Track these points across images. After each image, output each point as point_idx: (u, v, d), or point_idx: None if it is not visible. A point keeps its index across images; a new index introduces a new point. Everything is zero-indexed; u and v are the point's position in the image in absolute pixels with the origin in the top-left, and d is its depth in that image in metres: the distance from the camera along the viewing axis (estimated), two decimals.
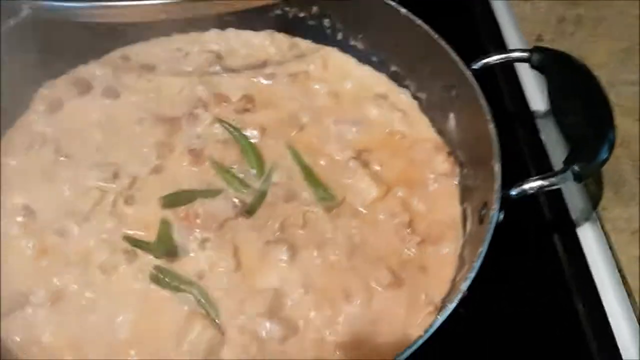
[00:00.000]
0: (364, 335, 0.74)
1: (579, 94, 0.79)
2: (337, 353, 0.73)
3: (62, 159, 0.87)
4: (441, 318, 0.63)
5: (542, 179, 0.73)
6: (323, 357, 0.73)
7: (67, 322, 0.74)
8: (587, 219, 0.91)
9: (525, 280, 0.85)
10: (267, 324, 0.74)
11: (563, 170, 0.73)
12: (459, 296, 0.65)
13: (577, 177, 0.72)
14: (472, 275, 0.66)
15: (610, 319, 0.82)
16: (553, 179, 0.73)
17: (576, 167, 0.72)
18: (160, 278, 0.75)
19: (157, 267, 0.76)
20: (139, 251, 0.78)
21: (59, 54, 0.92)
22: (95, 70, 0.96)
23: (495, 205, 0.71)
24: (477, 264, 0.67)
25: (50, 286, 0.76)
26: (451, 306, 0.64)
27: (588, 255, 0.87)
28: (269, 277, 0.78)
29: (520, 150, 0.98)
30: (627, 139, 0.99)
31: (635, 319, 0.81)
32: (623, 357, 0.79)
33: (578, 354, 0.81)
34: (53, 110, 0.92)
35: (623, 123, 1.01)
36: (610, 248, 0.86)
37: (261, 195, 0.85)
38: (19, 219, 0.80)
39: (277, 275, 0.78)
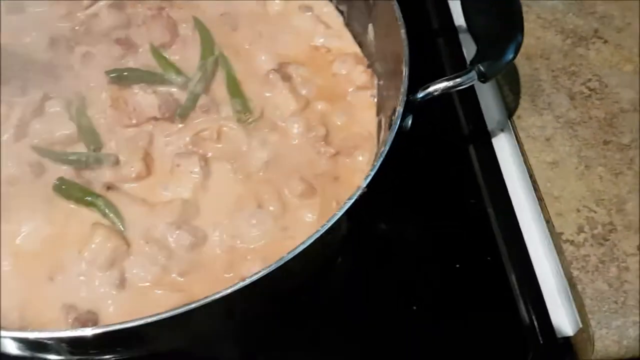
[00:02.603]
0: (275, 241, 0.75)
1: None
2: (248, 258, 0.74)
3: None
4: (339, 213, 0.64)
5: (447, 80, 0.73)
6: (234, 262, 0.74)
7: None
8: (502, 129, 0.93)
9: (439, 187, 0.87)
10: (176, 233, 0.73)
11: (468, 71, 0.73)
12: (359, 192, 0.65)
13: (482, 76, 0.72)
14: (372, 173, 0.66)
15: (520, 222, 0.85)
16: (458, 80, 0.73)
17: (481, 67, 0.72)
18: (63, 189, 0.73)
19: (60, 179, 0.74)
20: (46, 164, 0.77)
21: None
22: None
23: (399, 108, 0.71)
24: (378, 163, 0.67)
25: None
26: (349, 202, 0.64)
27: (501, 163, 0.89)
28: (179, 188, 0.78)
29: (439, 61, 0.98)
30: (549, 50, 0.99)
31: (544, 220, 0.83)
32: (531, 254, 0.82)
33: (489, 254, 0.83)
34: None
35: (546, 35, 1.02)
36: (523, 155, 0.88)
37: (194, 98, 0.83)
38: None
39: (187, 186, 0.78)
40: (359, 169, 0.81)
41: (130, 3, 0.90)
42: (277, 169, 0.80)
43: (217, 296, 0.59)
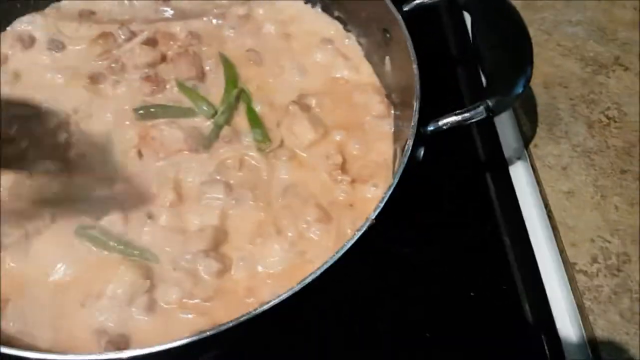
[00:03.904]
0: (294, 266, 0.79)
1: (500, 31, 0.81)
2: (268, 282, 0.78)
3: None
4: (348, 244, 0.67)
5: (456, 114, 0.76)
6: (255, 287, 0.77)
7: None
8: (519, 158, 0.94)
9: (455, 214, 0.89)
10: (205, 260, 0.77)
11: (477, 106, 0.75)
12: (367, 223, 0.68)
13: (490, 112, 0.74)
14: (382, 205, 0.69)
15: (535, 251, 0.86)
16: (466, 115, 0.75)
17: (489, 102, 0.74)
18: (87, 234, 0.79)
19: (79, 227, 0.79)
20: None
21: None
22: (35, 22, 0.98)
23: (409, 141, 0.74)
24: (387, 195, 0.70)
25: None
26: (359, 233, 0.68)
27: (517, 191, 0.91)
28: (207, 215, 0.82)
29: (458, 90, 1.01)
30: (568, 78, 1.00)
31: (558, 250, 0.84)
32: (545, 284, 0.83)
33: (504, 283, 0.84)
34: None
35: (565, 63, 1.03)
36: (539, 184, 0.89)
37: (218, 130, 0.88)
38: None
39: (214, 213, 0.82)
40: (374, 197, 0.84)
41: (162, 41, 0.97)
42: (295, 196, 0.84)
43: (237, 322, 0.63)
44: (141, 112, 0.89)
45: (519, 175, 0.92)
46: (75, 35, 0.97)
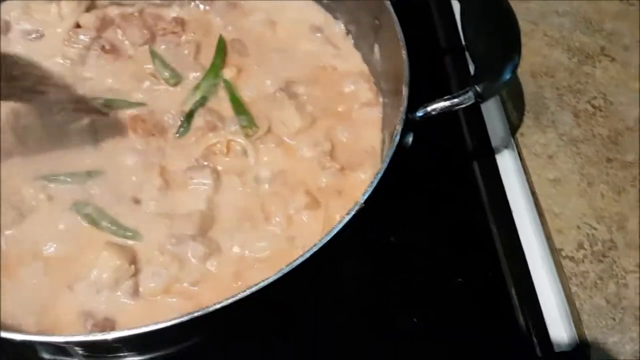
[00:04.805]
0: (282, 251, 0.79)
1: (489, 18, 0.81)
2: (256, 267, 0.77)
3: None
4: (338, 226, 0.67)
5: (445, 100, 0.76)
6: (242, 272, 0.77)
7: None
8: (506, 146, 0.95)
9: (442, 201, 0.89)
10: (191, 244, 0.77)
11: (465, 92, 0.75)
12: (357, 207, 0.68)
13: (479, 97, 0.75)
14: (370, 189, 0.69)
15: (521, 238, 0.87)
16: (455, 100, 0.75)
17: (478, 88, 0.74)
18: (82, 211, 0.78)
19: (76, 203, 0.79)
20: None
21: None
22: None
23: (399, 126, 0.74)
24: (376, 180, 0.70)
25: None
26: (348, 216, 0.67)
27: (504, 179, 0.91)
28: (194, 200, 0.81)
29: (446, 79, 1.01)
30: (554, 68, 1.01)
31: (544, 237, 0.85)
32: (531, 270, 0.84)
33: (491, 269, 0.85)
34: None
35: (552, 53, 1.04)
36: (525, 172, 0.90)
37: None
38: None
39: (201, 198, 0.81)
40: (362, 184, 0.84)
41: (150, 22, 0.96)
42: (283, 183, 0.84)
43: (224, 304, 0.63)
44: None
45: (506, 163, 0.93)
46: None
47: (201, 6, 1.00)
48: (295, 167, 0.86)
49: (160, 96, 0.91)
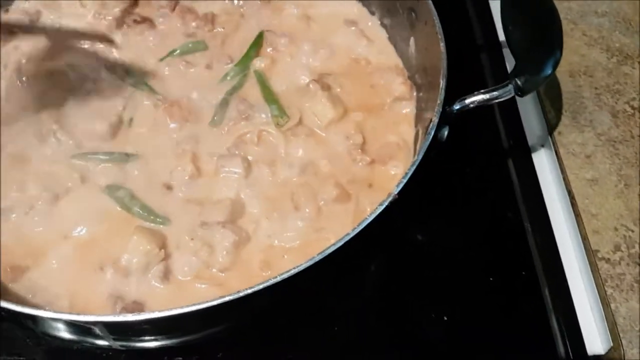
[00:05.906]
0: (310, 241, 0.78)
1: (530, 12, 0.80)
2: (285, 257, 0.77)
3: None
4: (370, 217, 0.66)
5: (484, 92, 0.75)
6: (271, 261, 0.77)
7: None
8: (542, 145, 0.93)
9: (477, 199, 0.88)
10: (221, 231, 0.76)
11: (505, 84, 0.74)
12: (390, 198, 0.67)
13: (519, 90, 0.73)
14: (405, 180, 0.68)
15: (556, 238, 0.85)
16: (495, 93, 0.74)
17: (518, 81, 0.73)
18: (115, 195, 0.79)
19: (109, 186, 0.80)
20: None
21: None
22: None
23: (435, 118, 0.73)
24: (410, 171, 0.69)
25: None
26: (380, 207, 0.66)
27: (540, 178, 0.89)
28: (224, 188, 0.81)
29: (482, 75, 0.99)
30: (593, 68, 0.99)
31: (580, 237, 0.83)
32: (566, 271, 0.82)
33: (524, 268, 0.83)
34: None
35: (591, 53, 1.02)
36: (562, 171, 0.88)
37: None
38: None
39: (232, 186, 0.81)
40: (393, 178, 0.83)
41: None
42: (313, 174, 0.83)
43: (256, 289, 0.62)
44: None
45: (542, 162, 0.91)
46: None
47: (235, 1, 1.01)
48: (325, 159, 0.85)
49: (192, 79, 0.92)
